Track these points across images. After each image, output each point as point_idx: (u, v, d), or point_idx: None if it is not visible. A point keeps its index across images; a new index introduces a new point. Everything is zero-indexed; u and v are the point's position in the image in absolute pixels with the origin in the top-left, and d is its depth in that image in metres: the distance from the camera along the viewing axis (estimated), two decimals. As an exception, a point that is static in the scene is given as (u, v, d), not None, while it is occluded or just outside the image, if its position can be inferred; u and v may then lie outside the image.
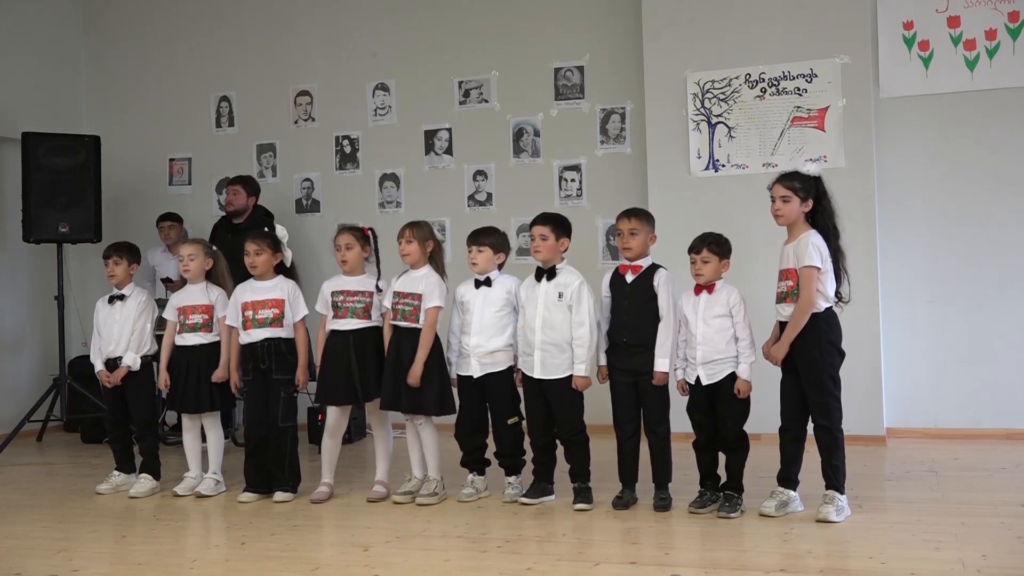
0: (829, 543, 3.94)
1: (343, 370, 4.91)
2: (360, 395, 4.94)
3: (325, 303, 5.01)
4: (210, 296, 5.27)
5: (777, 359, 4.34)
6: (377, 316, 4.99)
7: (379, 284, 5.01)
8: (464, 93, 7.35)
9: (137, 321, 5.38)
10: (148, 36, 8.16)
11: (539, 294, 4.75)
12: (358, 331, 4.94)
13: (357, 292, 4.97)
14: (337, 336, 4.96)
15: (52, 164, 7.01)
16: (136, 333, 5.37)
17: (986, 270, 6.25)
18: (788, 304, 4.31)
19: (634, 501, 4.62)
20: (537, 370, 4.71)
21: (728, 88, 6.49)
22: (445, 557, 3.92)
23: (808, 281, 4.23)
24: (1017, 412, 6.13)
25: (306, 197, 7.72)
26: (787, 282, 4.33)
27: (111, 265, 5.46)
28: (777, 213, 4.38)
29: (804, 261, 4.24)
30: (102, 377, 5.39)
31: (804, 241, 4.29)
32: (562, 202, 7.01)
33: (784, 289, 4.34)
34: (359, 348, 4.92)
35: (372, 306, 4.97)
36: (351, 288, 4.99)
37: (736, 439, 4.47)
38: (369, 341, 4.95)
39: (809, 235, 4.30)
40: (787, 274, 4.34)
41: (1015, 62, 6.19)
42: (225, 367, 5.17)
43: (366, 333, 4.95)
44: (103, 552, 4.20)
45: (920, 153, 6.38)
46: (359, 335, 4.94)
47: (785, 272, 4.35)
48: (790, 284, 4.31)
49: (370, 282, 5.02)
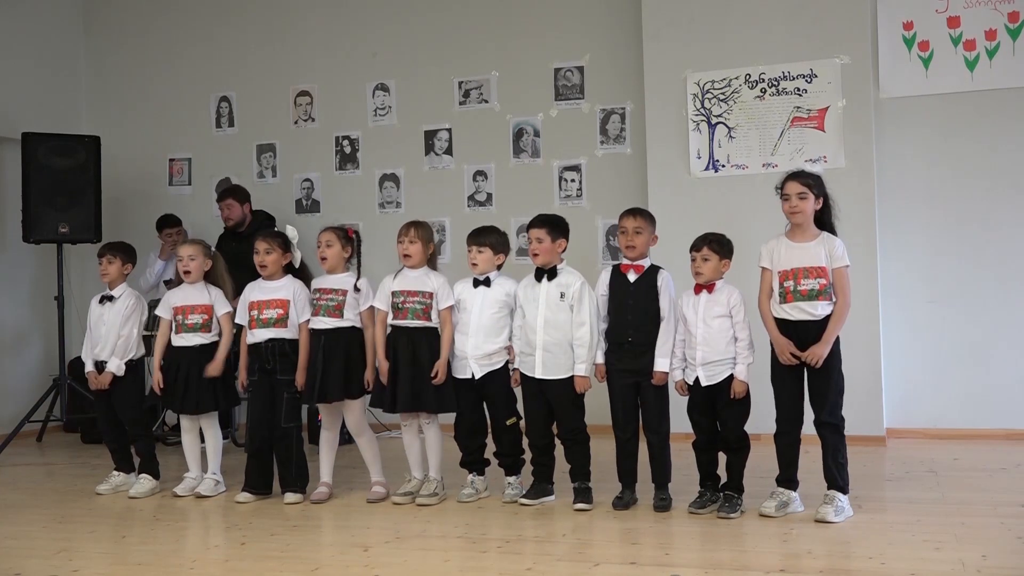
0: (829, 543, 3.94)
1: (312, 369, 4.93)
2: (315, 395, 4.92)
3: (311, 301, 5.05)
4: (210, 295, 5.27)
5: (822, 356, 4.27)
6: (352, 316, 4.97)
7: (358, 284, 5.00)
8: (464, 93, 7.35)
9: (124, 326, 5.35)
10: (148, 36, 8.16)
11: (540, 294, 4.74)
12: (329, 331, 4.94)
13: (332, 291, 4.97)
14: (313, 335, 4.98)
15: (52, 164, 7.01)
16: (123, 339, 5.35)
17: (986, 270, 6.25)
18: (822, 302, 4.30)
19: (634, 501, 4.62)
20: (539, 370, 4.71)
21: (728, 88, 6.49)
22: (445, 557, 3.92)
23: (847, 281, 4.28)
24: (1017, 412, 6.14)
25: (306, 197, 7.72)
26: (819, 280, 4.29)
27: (104, 264, 5.45)
28: (795, 211, 4.35)
29: (843, 261, 4.30)
30: (91, 378, 5.39)
31: (835, 241, 4.34)
32: (562, 202, 7.01)
33: (816, 287, 4.29)
34: (327, 348, 4.92)
35: (345, 305, 4.95)
36: (327, 286, 5.00)
37: (737, 440, 4.47)
38: (339, 341, 4.94)
39: (832, 236, 4.36)
40: (817, 272, 4.30)
41: (1015, 62, 6.19)
42: (221, 363, 5.16)
43: (336, 333, 4.94)
44: (103, 552, 4.20)
45: (920, 153, 6.38)
46: (329, 334, 4.94)
47: (815, 270, 4.31)
48: (823, 282, 4.29)
49: (348, 281, 5.00)
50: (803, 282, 4.33)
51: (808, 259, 4.34)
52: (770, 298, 4.42)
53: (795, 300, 4.33)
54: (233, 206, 7.01)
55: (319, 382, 4.89)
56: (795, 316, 4.34)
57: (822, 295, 4.30)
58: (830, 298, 4.31)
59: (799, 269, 4.34)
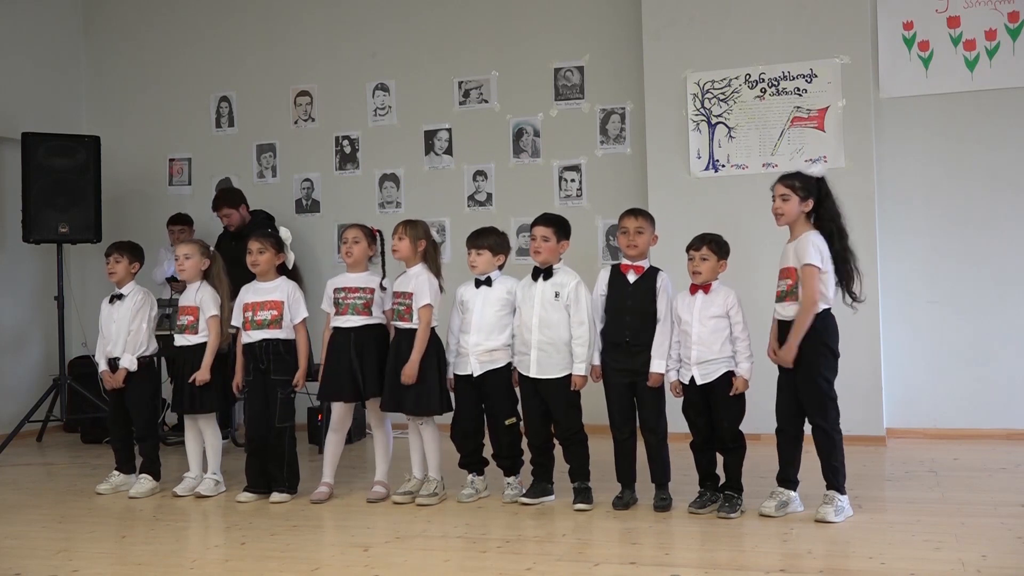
0: (829, 543, 3.94)
1: (345, 367, 4.91)
2: (363, 392, 4.94)
3: (329, 300, 5.03)
4: (196, 297, 5.27)
5: (788, 361, 4.27)
6: (379, 313, 5.00)
7: (383, 283, 5.02)
8: (464, 93, 7.35)
9: (132, 322, 5.38)
10: (148, 36, 8.16)
11: (535, 294, 4.75)
12: (359, 328, 4.95)
13: (358, 289, 4.98)
14: (339, 333, 4.97)
15: (52, 164, 7.01)
16: (132, 334, 5.36)
17: (986, 270, 6.25)
18: (789, 303, 4.31)
19: (634, 501, 4.63)
20: (533, 369, 4.72)
21: (728, 88, 6.49)
22: (445, 557, 3.92)
23: (809, 280, 4.22)
24: (1017, 412, 6.14)
25: (306, 197, 7.72)
26: (787, 280, 4.33)
27: (112, 263, 5.47)
28: (777, 212, 4.39)
29: (804, 259, 4.24)
30: (104, 377, 5.39)
31: (804, 240, 4.29)
32: (562, 202, 7.01)
33: (784, 288, 4.34)
34: (359, 345, 4.92)
35: (373, 303, 4.98)
36: (352, 285, 5.00)
37: (733, 439, 4.47)
38: (370, 338, 4.96)
39: (809, 234, 4.31)
40: (787, 273, 4.34)
41: (1015, 62, 6.19)
42: (207, 369, 5.16)
43: (367, 330, 4.96)
44: (103, 552, 4.20)
45: (920, 153, 6.38)
46: (360, 332, 4.95)
47: (785, 271, 4.35)
48: (789, 283, 4.31)
49: (374, 280, 5.03)
50: (779, 283, 4.38)
51: (784, 260, 4.38)
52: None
53: (776, 301, 4.40)
54: (231, 214, 6.98)
55: (363, 380, 4.88)
56: (778, 316, 4.40)
57: (789, 296, 4.32)
58: (796, 299, 4.30)
59: (780, 270, 4.40)
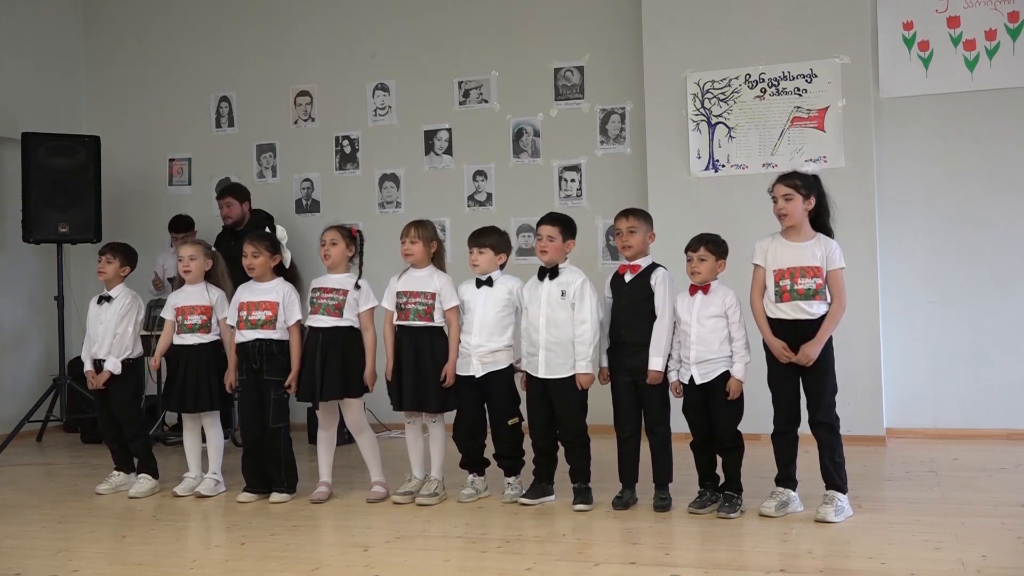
0: (829, 543, 3.94)
1: (308, 367, 4.93)
2: (319, 393, 4.91)
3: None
4: (209, 297, 5.27)
5: (813, 358, 4.28)
6: (351, 315, 4.97)
7: (359, 283, 5.01)
8: (464, 93, 7.35)
9: (119, 325, 5.37)
10: (148, 36, 8.17)
11: (542, 293, 4.75)
12: (327, 329, 4.93)
13: (332, 290, 4.97)
14: (311, 333, 4.98)
15: (52, 164, 7.01)
16: (118, 337, 5.36)
17: (986, 270, 6.25)
18: (817, 302, 4.31)
19: (634, 501, 4.62)
20: (542, 370, 4.71)
21: (728, 88, 6.49)
22: (445, 557, 3.92)
23: (842, 284, 4.30)
24: (1017, 412, 6.14)
25: (306, 197, 7.72)
26: (815, 280, 4.30)
27: (103, 262, 5.47)
28: (781, 213, 4.37)
29: (838, 263, 4.32)
30: (89, 377, 5.39)
31: (831, 243, 4.36)
32: (562, 202, 7.01)
33: (812, 287, 4.31)
34: (325, 347, 4.91)
35: (345, 305, 4.95)
36: (328, 285, 5.00)
37: (731, 439, 4.47)
38: (337, 340, 4.93)
39: (827, 239, 4.37)
40: (813, 272, 4.31)
41: (1015, 62, 6.19)
42: (232, 370, 5.15)
43: (334, 332, 4.93)
44: (103, 552, 4.20)
45: (920, 153, 6.38)
46: (328, 333, 4.93)
47: (811, 270, 4.32)
48: (819, 282, 4.31)
49: (349, 281, 5.01)
50: (800, 281, 4.34)
51: (805, 259, 4.35)
52: (763, 296, 4.43)
53: (792, 299, 4.34)
54: (233, 204, 7.02)
55: (320, 381, 4.89)
56: (791, 315, 4.35)
57: (818, 295, 4.32)
58: (825, 298, 4.32)
59: (796, 268, 4.34)
